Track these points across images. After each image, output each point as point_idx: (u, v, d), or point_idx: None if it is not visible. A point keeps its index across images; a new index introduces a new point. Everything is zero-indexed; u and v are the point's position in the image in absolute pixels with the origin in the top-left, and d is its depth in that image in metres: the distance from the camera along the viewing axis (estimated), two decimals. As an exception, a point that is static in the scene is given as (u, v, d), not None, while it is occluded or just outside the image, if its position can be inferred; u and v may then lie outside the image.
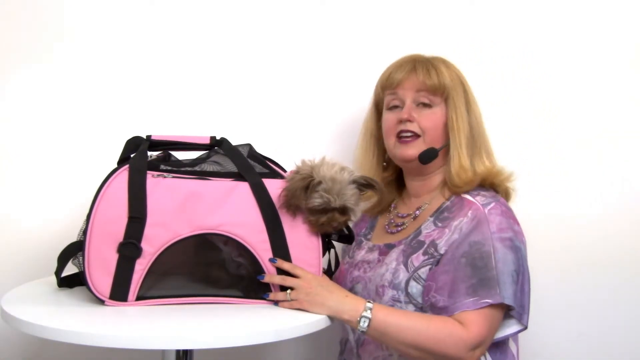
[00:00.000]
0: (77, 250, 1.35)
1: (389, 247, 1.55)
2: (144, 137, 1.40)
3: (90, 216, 1.31)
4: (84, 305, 1.31)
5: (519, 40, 1.93)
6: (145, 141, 1.39)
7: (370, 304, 1.35)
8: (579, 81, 1.93)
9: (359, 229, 1.70)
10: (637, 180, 1.92)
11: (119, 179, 1.32)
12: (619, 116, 1.93)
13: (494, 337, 1.42)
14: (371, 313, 1.33)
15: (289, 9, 1.93)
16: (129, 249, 1.30)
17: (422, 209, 1.57)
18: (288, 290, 1.34)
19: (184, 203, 1.33)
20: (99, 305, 1.31)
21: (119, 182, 1.32)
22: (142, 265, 1.31)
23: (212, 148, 1.43)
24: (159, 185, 1.33)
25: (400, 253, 1.50)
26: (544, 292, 1.81)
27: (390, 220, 1.63)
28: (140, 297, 1.32)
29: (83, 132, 1.87)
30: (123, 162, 1.37)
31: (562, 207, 1.92)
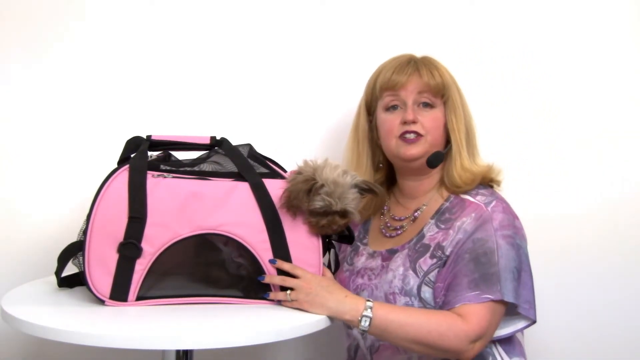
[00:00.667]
0: (77, 250, 1.35)
1: (391, 252, 1.54)
2: (144, 137, 1.40)
3: (90, 216, 1.31)
4: (84, 305, 1.31)
5: (519, 40, 1.93)
6: (145, 141, 1.39)
7: (371, 302, 1.34)
8: (579, 81, 1.93)
9: None
10: (637, 180, 1.93)
11: (119, 179, 1.32)
12: (619, 116, 1.93)
13: (505, 333, 1.44)
14: (372, 312, 1.33)
15: (289, 9, 1.93)
16: (129, 249, 1.30)
17: (421, 210, 1.57)
18: (288, 290, 1.34)
19: (184, 203, 1.33)
20: (99, 305, 1.30)
21: (119, 182, 1.32)
22: (142, 265, 1.31)
23: (212, 148, 1.43)
24: (159, 185, 1.33)
25: (406, 258, 1.50)
26: (543, 292, 1.80)
27: (387, 224, 1.62)
28: (140, 297, 1.32)
29: (83, 132, 1.87)
30: (123, 162, 1.37)
31: (562, 207, 1.92)
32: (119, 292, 1.31)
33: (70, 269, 1.39)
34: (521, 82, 1.93)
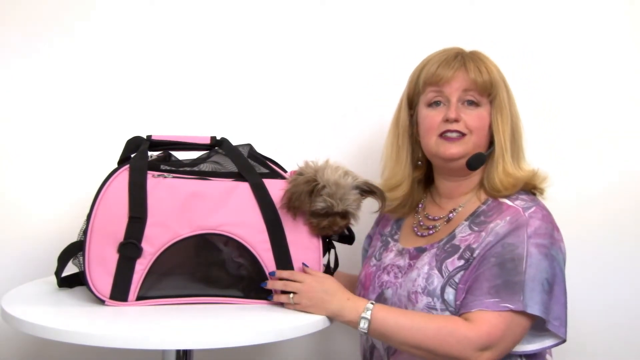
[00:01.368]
0: (78, 250, 1.36)
1: (419, 250, 1.48)
2: (144, 137, 1.40)
3: (90, 216, 1.31)
4: (84, 305, 1.31)
5: (519, 40, 1.92)
6: (145, 141, 1.39)
7: (371, 304, 1.33)
8: (579, 81, 1.93)
9: (383, 227, 1.64)
10: (637, 180, 1.92)
11: (120, 179, 1.32)
12: (619, 116, 1.92)
13: (531, 349, 1.37)
14: (370, 314, 1.32)
15: (289, 9, 1.93)
16: (129, 249, 1.30)
17: (456, 211, 1.50)
18: (291, 294, 1.34)
19: (185, 203, 1.33)
20: (99, 305, 1.31)
21: (119, 182, 1.32)
22: (142, 265, 1.31)
23: (212, 148, 1.43)
24: (160, 185, 1.33)
25: (433, 257, 1.43)
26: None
27: (420, 223, 1.55)
28: (140, 297, 1.32)
29: (83, 132, 1.87)
30: (123, 162, 1.37)
31: (562, 207, 1.91)
32: (119, 292, 1.31)
33: (70, 269, 1.39)
34: (521, 82, 1.92)
